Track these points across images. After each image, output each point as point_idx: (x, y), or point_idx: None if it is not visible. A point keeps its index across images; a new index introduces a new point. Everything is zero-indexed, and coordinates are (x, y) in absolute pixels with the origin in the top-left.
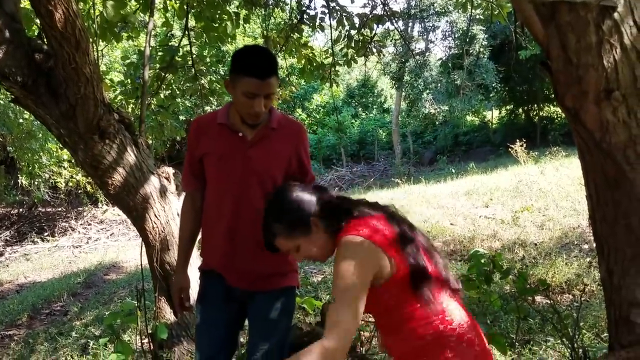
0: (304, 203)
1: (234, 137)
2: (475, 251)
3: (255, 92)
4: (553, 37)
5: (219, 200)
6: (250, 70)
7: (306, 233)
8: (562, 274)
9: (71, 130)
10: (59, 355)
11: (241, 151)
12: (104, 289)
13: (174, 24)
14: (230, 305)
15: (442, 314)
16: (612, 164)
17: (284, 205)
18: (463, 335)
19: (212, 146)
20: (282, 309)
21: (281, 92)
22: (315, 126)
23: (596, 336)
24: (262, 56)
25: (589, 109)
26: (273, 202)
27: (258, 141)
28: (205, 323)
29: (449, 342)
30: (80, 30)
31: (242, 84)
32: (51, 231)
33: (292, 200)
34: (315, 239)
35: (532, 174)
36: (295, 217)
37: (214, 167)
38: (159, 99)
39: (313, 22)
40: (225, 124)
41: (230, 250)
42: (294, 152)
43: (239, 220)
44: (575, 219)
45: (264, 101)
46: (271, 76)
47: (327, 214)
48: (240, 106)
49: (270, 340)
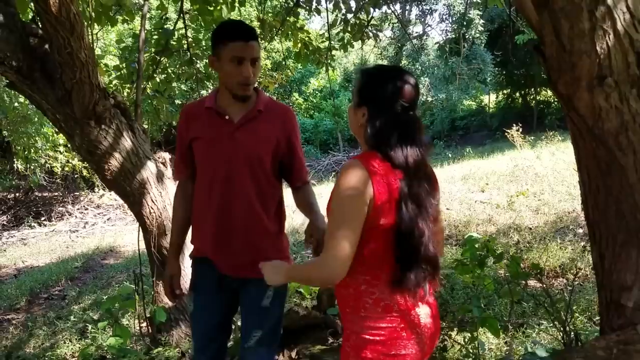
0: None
1: (221, 120)
2: (470, 236)
3: (241, 55)
4: (546, 23)
5: (209, 185)
6: (233, 34)
7: (357, 107)
8: (556, 258)
9: (67, 115)
10: (58, 339)
11: (228, 134)
12: (101, 273)
13: (169, 7)
14: (223, 292)
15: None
16: (604, 150)
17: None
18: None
19: (200, 130)
20: (274, 297)
21: (277, 76)
22: (312, 110)
23: (589, 320)
24: (242, 23)
25: (582, 95)
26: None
27: (245, 123)
28: (200, 311)
29: (365, 303)
30: (75, 15)
31: (228, 50)
32: (48, 216)
33: (381, 80)
34: (354, 116)
35: (528, 158)
36: (369, 89)
37: (202, 151)
38: (155, 83)
39: (309, 6)
40: (213, 107)
41: (220, 234)
42: (282, 135)
43: (228, 203)
44: (570, 204)
45: (251, 68)
46: (254, 39)
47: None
48: (229, 77)
49: (263, 327)
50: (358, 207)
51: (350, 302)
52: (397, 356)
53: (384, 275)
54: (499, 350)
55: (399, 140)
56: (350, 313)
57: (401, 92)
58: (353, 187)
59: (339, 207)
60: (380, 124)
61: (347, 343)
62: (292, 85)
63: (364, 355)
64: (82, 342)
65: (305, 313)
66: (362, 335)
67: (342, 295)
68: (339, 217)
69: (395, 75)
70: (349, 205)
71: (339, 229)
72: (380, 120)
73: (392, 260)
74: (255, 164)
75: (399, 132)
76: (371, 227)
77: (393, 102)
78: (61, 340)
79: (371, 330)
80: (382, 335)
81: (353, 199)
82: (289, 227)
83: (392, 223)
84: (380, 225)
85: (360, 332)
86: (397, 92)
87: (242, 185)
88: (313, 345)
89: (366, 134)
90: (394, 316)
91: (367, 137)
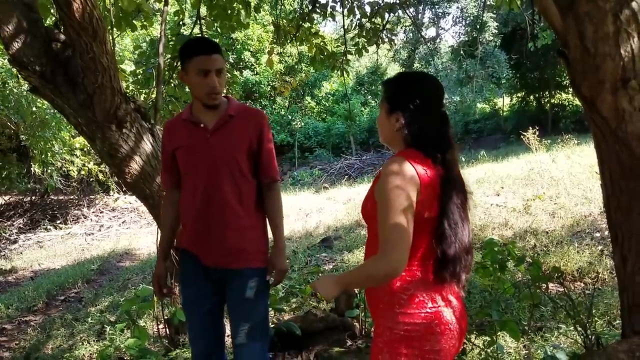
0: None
1: (196, 129)
2: (490, 239)
3: (206, 67)
4: (571, 27)
5: (192, 186)
6: (197, 49)
7: (389, 114)
8: (573, 262)
9: (89, 119)
10: (76, 341)
11: (204, 140)
12: (117, 275)
13: (186, 13)
14: (209, 283)
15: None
16: (627, 152)
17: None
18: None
19: (180, 141)
20: (256, 288)
21: (292, 81)
22: (324, 114)
23: (608, 324)
24: (204, 39)
25: (605, 97)
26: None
27: (218, 129)
28: (189, 301)
29: (400, 299)
30: (98, 20)
31: (193, 64)
32: (64, 219)
33: (417, 87)
34: (387, 123)
35: (544, 161)
36: (400, 96)
37: (183, 158)
38: (171, 88)
39: (324, 11)
40: (188, 119)
41: (201, 228)
42: (254, 135)
43: (208, 201)
44: (587, 207)
45: (217, 79)
46: (216, 52)
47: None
48: (198, 89)
49: (250, 320)
50: (410, 200)
51: (385, 298)
52: (432, 351)
53: (421, 270)
54: (518, 355)
55: (437, 139)
56: (383, 309)
57: (432, 94)
58: (404, 182)
59: (392, 203)
60: (419, 125)
61: (380, 339)
62: (304, 89)
63: (399, 351)
64: (99, 343)
65: (323, 315)
66: (396, 331)
67: (375, 292)
68: (393, 212)
69: (422, 79)
70: (402, 199)
71: (395, 223)
72: (419, 122)
73: (430, 255)
74: (231, 163)
75: (435, 131)
76: (417, 221)
77: (426, 104)
78: (79, 342)
79: (406, 326)
80: (417, 332)
81: (405, 192)
82: (303, 230)
83: (435, 216)
84: (425, 219)
85: (395, 327)
86: (429, 95)
87: (220, 184)
88: (331, 348)
89: (404, 136)
90: (428, 312)
91: (406, 139)
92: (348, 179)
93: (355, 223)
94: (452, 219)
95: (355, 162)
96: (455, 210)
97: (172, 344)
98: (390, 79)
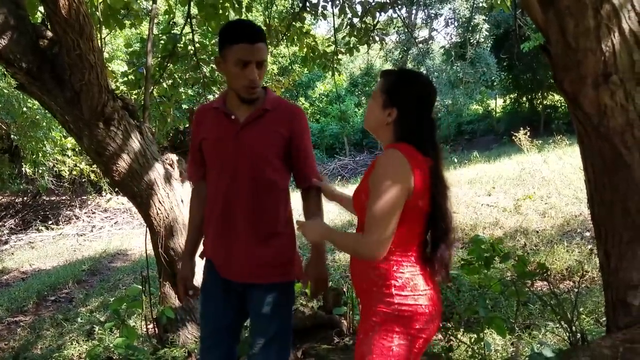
0: (416, 97)
1: (227, 120)
2: (476, 236)
3: (247, 58)
4: (552, 22)
5: (215, 186)
6: (239, 36)
7: (384, 107)
8: (562, 261)
9: (76, 116)
10: (65, 341)
11: (233, 133)
12: (108, 276)
13: (176, 12)
14: (230, 296)
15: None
16: (610, 147)
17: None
18: None
19: (208, 131)
20: (280, 303)
21: (284, 80)
22: (318, 115)
23: (596, 321)
24: (249, 24)
25: (587, 93)
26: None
27: (250, 122)
28: (207, 312)
29: (395, 282)
30: (84, 17)
31: (233, 52)
32: (55, 219)
33: (415, 83)
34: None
35: (535, 162)
36: (399, 92)
37: (209, 151)
38: (162, 88)
39: (315, 10)
40: (220, 108)
41: (222, 239)
42: (289, 134)
43: (231, 206)
44: (577, 207)
45: (257, 71)
46: (260, 40)
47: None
48: (235, 79)
49: (267, 334)
50: (402, 193)
51: (379, 281)
52: (422, 330)
53: (414, 256)
54: (505, 351)
55: (426, 136)
56: (377, 292)
57: (430, 98)
58: (398, 174)
59: (385, 193)
60: (413, 121)
61: (374, 318)
62: (298, 89)
63: (393, 329)
64: (89, 343)
65: (311, 313)
66: (390, 311)
67: (368, 275)
68: (384, 202)
69: (422, 80)
70: (394, 191)
71: (383, 213)
72: (413, 118)
73: (422, 241)
74: (260, 164)
75: (427, 128)
76: (410, 208)
77: (423, 104)
78: (68, 342)
79: (401, 307)
80: (410, 312)
81: (398, 185)
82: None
83: (427, 205)
84: (419, 208)
85: (388, 308)
86: (426, 96)
87: (246, 186)
88: (319, 345)
89: (395, 130)
90: (420, 294)
91: (396, 133)
92: (341, 180)
93: (347, 223)
94: (442, 208)
95: (348, 163)
96: (444, 200)
97: (161, 343)
98: (392, 72)
